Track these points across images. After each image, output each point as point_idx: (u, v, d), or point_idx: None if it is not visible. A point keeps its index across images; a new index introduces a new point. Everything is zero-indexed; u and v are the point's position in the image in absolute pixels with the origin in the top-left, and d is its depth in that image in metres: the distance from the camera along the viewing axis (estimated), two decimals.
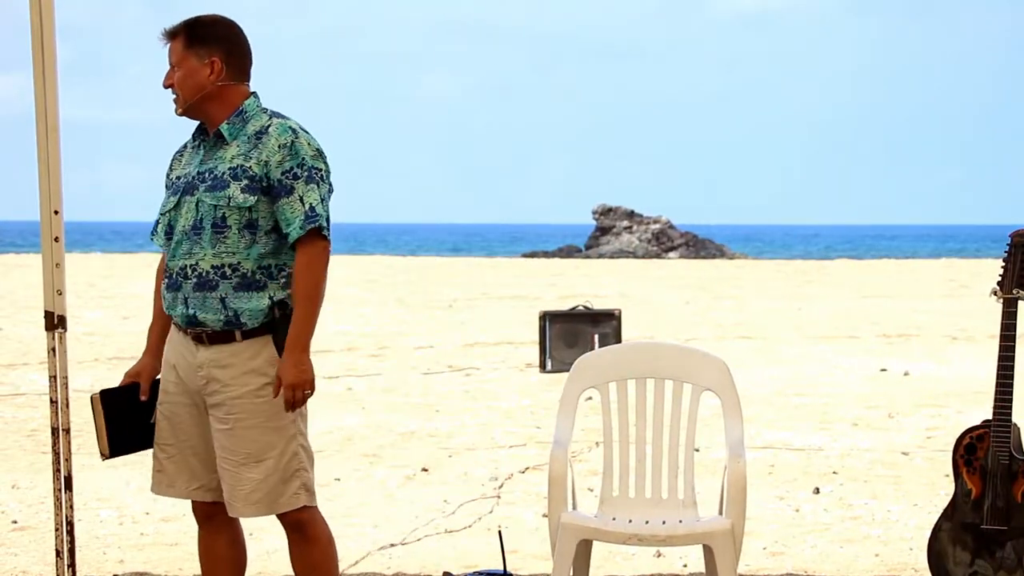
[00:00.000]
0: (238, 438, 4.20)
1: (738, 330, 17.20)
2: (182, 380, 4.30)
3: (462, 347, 15.23)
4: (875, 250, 74.21)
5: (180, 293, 4.24)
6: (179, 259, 4.25)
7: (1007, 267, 5.00)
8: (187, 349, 4.27)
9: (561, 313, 13.13)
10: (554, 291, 24.45)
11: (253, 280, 4.18)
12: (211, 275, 4.18)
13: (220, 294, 4.18)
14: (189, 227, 4.22)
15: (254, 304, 4.18)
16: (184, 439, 4.33)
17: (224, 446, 4.23)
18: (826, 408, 10.59)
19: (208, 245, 4.19)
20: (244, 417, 4.19)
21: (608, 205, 50.04)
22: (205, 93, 4.24)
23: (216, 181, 4.19)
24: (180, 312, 4.25)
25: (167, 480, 4.38)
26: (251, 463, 4.20)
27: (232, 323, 4.18)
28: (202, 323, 4.21)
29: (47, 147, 4.85)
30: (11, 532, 6.71)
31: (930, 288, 25.69)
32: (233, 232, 4.17)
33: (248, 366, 4.20)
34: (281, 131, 4.20)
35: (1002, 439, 4.90)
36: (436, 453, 8.79)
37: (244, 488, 4.22)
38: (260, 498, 4.23)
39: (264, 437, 4.21)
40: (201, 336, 4.23)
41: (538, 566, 5.93)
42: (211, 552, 4.44)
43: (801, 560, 6.17)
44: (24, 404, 10.74)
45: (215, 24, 4.30)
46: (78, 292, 22.09)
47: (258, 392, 4.20)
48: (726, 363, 4.96)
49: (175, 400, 4.34)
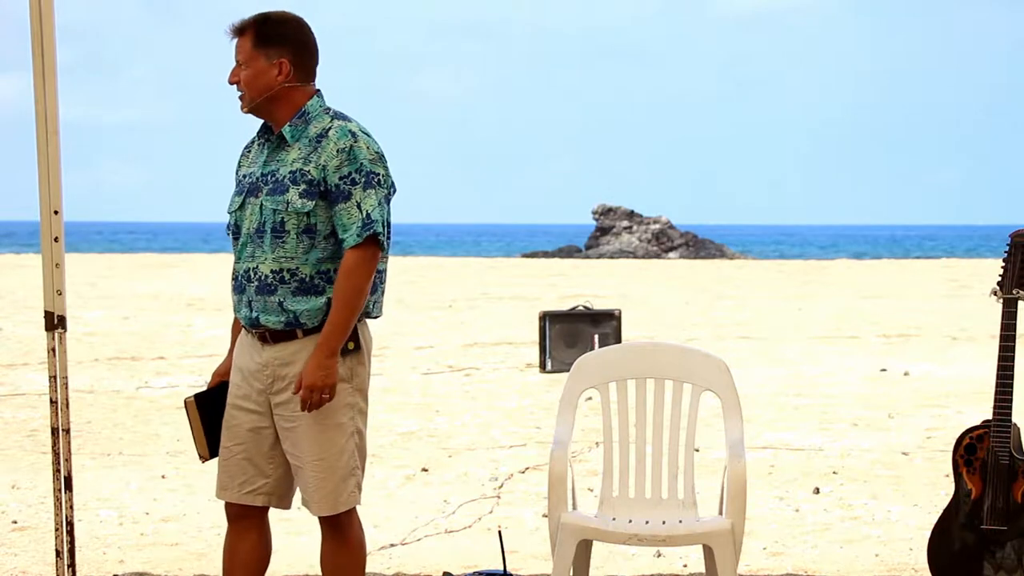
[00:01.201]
0: (301, 436, 4.21)
1: (738, 330, 17.20)
2: (246, 382, 4.29)
3: (462, 347, 15.23)
4: (875, 250, 74.19)
5: (244, 295, 4.24)
6: (243, 261, 4.25)
7: (1007, 267, 5.00)
8: (253, 349, 4.27)
9: (561, 313, 13.12)
10: (554, 291, 24.45)
11: (311, 284, 4.17)
12: (270, 279, 4.18)
13: (279, 298, 4.18)
14: (253, 230, 4.21)
15: (312, 305, 4.18)
16: (239, 442, 4.32)
17: (292, 444, 4.24)
18: (826, 408, 10.59)
19: (268, 249, 4.18)
20: (306, 415, 4.19)
21: (608, 205, 50.04)
22: (272, 94, 4.21)
23: (277, 185, 4.18)
24: (244, 314, 4.25)
25: (220, 483, 4.38)
26: (314, 460, 4.22)
27: (292, 323, 4.18)
28: (264, 324, 4.21)
29: (47, 147, 4.85)
30: (11, 532, 6.71)
31: (930, 288, 25.68)
32: (292, 237, 4.15)
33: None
34: (340, 135, 4.16)
35: (1002, 439, 4.90)
36: (436, 453, 8.79)
37: (311, 486, 4.24)
38: (324, 496, 4.25)
39: (324, 434, 4.21)
40: (265, 335, 4.23)
41: (538, 566, 5.93)
42: (235, 551, 4.43)
43: (801, 560, 6.17)
44: (24, 404, 10.74)
45: (285, 23, 4.25)
46: (78, 292, 22.08)
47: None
48: (726, 363, 4.96)
49: (234, 403, 4.33)
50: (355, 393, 4.25)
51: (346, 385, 4.23)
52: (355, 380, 4.25)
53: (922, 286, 26.41)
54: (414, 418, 10.20)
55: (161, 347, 14.71)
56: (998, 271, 5.02)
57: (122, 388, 11.75)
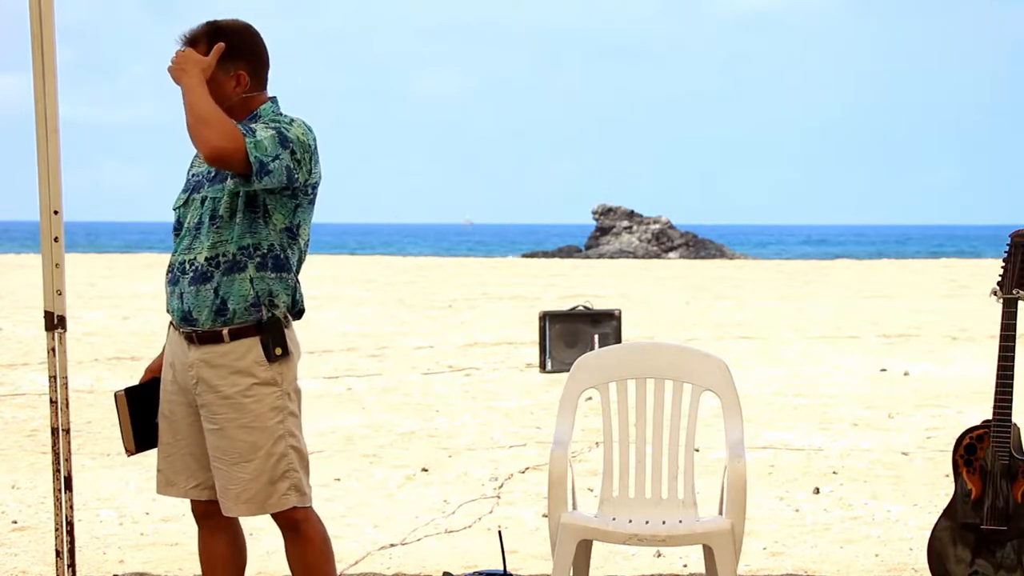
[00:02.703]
0: (224, 438, 4.21)
1: (738, 330, 17.20)
2: (179, 377, 4.31)
3: (462, 347, 15.23)
4: (875, 250, 74.19)
5: (177, 288, 4.26)
6: (179, 254, 4.27)
7: (1007, 267, 5.00)
8: (180, 347, 4.30)
9: (561, 313, 13.12)
10: (554, 291, 24.45)
11: (235, 262, 4.16)
12: (205, 267, 4.19)
13: (213, 284, 4.18)
14: (193, 224, 4.23)
15: (238, 287, 4.17)
16: (180, 437, 4.34)
17: (215, 445, 4.25)
18: (826, 408, 10.59)
19: (205, 238, 4.19)
20: (234, 417, 4.20)
21: (608, 205, 50.06)
22: (229, 104, 4.20)
23: (218, 175, 4.20)
24: (175, 306, 4.26)
25: (166, 479, 4.39)
26: (241, 463, 4.21)
27: (221, 313, 4.17)
28: (195, 318, 4.21)
29: (47, 147, 4.85)
30: (11, 532, 6.71)
31: (930, 288, 25.69)
32: (226, 220, 4.17)
33: (236, 367, 4.20)
34: (275, 115, 4.20)
35: (1002, 439, 4.90)
36: (436, 453, 8.79)
37: (234, 488, 4.23)
38: (249, 498, 4.23)
39: (250, 437, 4.20)
40: (192, 336, 4.24)
41: (538, 566, 5.93)
42: (210, 551, 4.45)
43: (801, 560, 6.17)
44: (24, 404, 10.74)
45: (241, 34, 4.22)
46: (78, 292, 22.09)
47: (245, 393, 4.20)
48: (726, 363, 4.96)
49: (170, 398, 4.35)
50: (284, 396, 4.25)
51: (274, 389, 4.22)
52: (284, 383, 4.24)
53: (922, 286, 26.42)
54: (414, 418, 10.19)
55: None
56: (998, 271, 5.02)
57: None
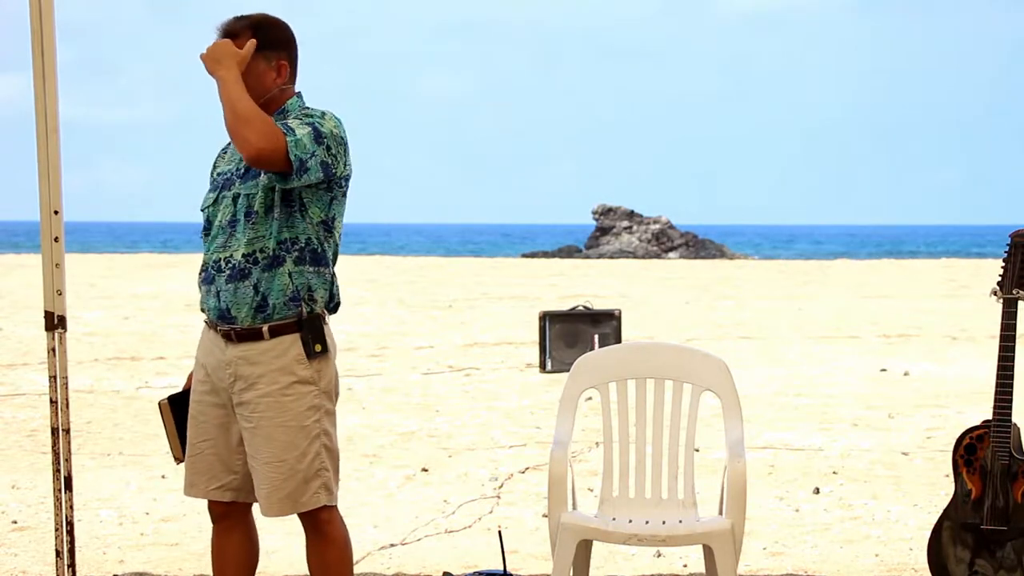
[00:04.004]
0: (261, 437, 4.22)
1: (738, 330, 17.20)
2: (212, 377, 4.30)
3: (462, 347, 15.23)
4: (875, 250, 74.20)
5: (213, 286, 4.25)
6: (214, 252, 4.25)
7: (1007, 267, 5.00)
8: (216, 345, 4.28)
9: (561, 313, 13.12)
10: (554, 291, 24.45)
11: (275, 257, 4.18)
12: (243, 263, 4.19)
13: (252, 280, 4.19)
14: (225, 222, 4.22)
15: (278, 282, 4.18)
16: (206, 438, 4.33)
17: (251, 444, 4.25)
18: (826, 408, 10.59)
19: (241, 235, 4.19)
20: (272, 415, 4.20)
21: (608, 205, 50.05)
22: (268, 97, 4.23)
23: (249, 172, 4.21)
24: (212, 305, 4.26)
25: (188, 480, 4.39)
26: (275, 462, 4.22)
27: (261, 310, 4.19)
28: (234, 316, 4.21)
29: (47, 147, 4.85)
30: (11, 532, 6.71)
31: (930, 288, 25.68)
32: (261, 216, 4.18)
33: (276, 364, 4.21)
34: (307, 110, 4.24)
35: (1002, 439, 4.90)
36: (436, 453, 8.79)
37: (267, 487, 4.24)
38: (284, 496, 4.24)
39: (286, 436, 4.21)
40: (230, 334, 4.24)
41: (538, 566, 5.93)
42: (224, 551, 4.44)
43: (801, 560, 6.17)
44: (24, 404, 10.74)
45: (281, 27, 4.29)
46: (78, 292, 22.08)
47: (284, 391, 4.20)
48: (726, 363, 4.96)
49: (200, 399, 4.34)
50: (321, 395, 4.26)
51: (312, 387, 4.23)
52: (322, 382, 4.25)
53: (922, 286, 26.41)
54: (414, 418, 10.20)
55: (161, 347, 14.70)
56: (998, 271, 5.02)
57: (122, 388, 11.76)
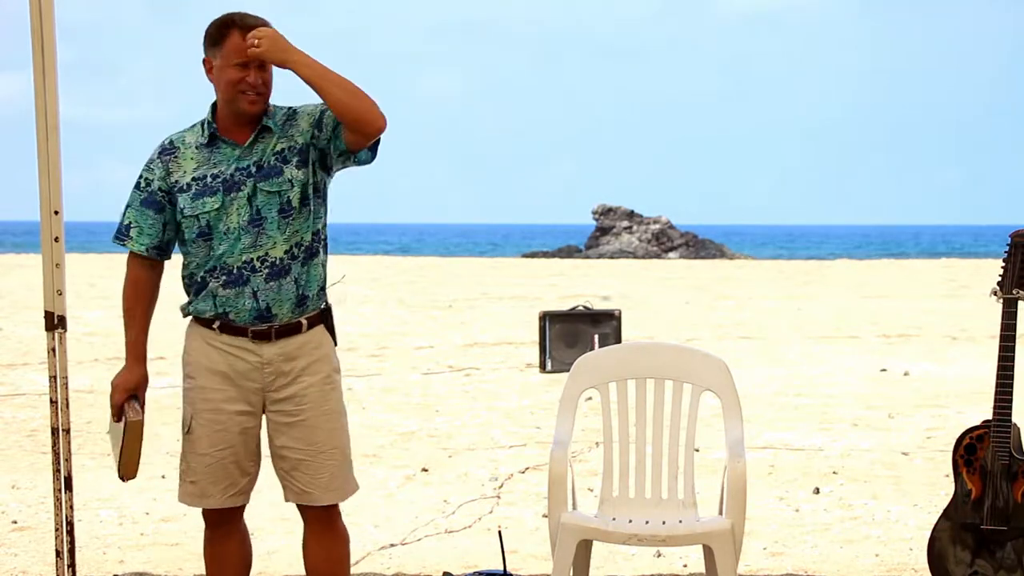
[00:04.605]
0: (311, 427, 4.26)
1: (738, 330, 17.20)
2: (235, 384, 4.27)
3: (462, 347, 15.23)
4: (875, 250, 74.19)
5: (247, 287, 4.22)
6: (241, 254, 4.21)
7: (1007, 267, 5.00)
8: (242, 350, 4.25)
9: (561, 313, 13.12)
10: (554, 291, 24.45)
11: (311, 248, 4.25)
12: (284, 260, 4.20)
13: (293, 276, 4.21)
14: (244, 222, 4.20)
15: (314, 272, 4.25)
16: (226, 446, 4.29)
17: (295, 437, 4.26)
18: (826, 408, 10.59)
19: (277, 232, 4.20)
20: (316, 406, 4.26)
21: (608, 205, 50.04)
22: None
23: (269, 170, 4.21)
24: (248, 307, 4.23)
25: (200, 491, 4.32)
26: (330, 450, 4.28)
27: (302, 303, 4.23)
28: (275, 314, 4.22)
29: (47, 147, 4.85)
30: (11, 532, 6.71)
31: (930, 288, 25.68)
32: (298, 211, 4.21)
33: (315, 355, 4.27)
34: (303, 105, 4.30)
35: (1002, 439, 4.90)
36: (436, 453, 8.79)
37: (324, 476, 4.28)
38: (338, 485, 4.32)
39: (336, 422, 4.31)
40: (269, 332, 4.23)
41: (538, 566, 5.93)
42: (221, 553, 4.43)
43: (801, 560, 6.17)
44: (24, 404, 10.74)
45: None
46: (78, 292, 22.07)
47: (326, 381, 4.28)
48: (726, 363, 4.96)
49: (219, 408, 4.28)
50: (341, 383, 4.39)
51: (339, 376, 4.34)
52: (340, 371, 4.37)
53: (922, 286, 26.41)
54: (414, 418, 10.20)
55: (161, 347, 14.62)
56: (998, 271, 5.02)
57: None
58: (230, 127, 4.27)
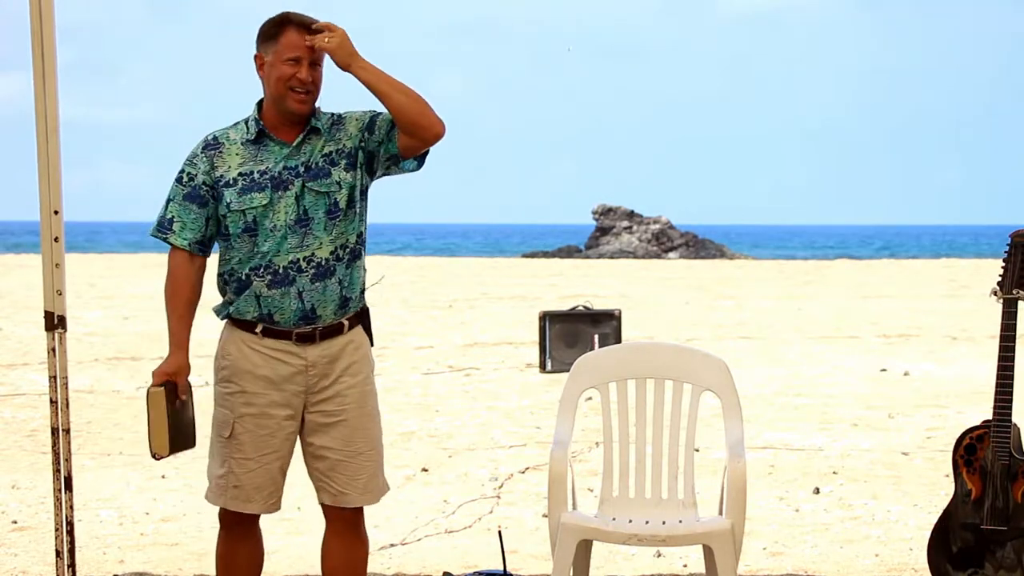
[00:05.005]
0: (350, 427, 4.28)
1: (738, 330, 17.20)
2: (278, 388, 4.25)
3: (462, 347, 15.23)
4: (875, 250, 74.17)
5: (293, 287, 4.20)
6: (287, 254, 4.20)
7: (1007, 267, 5.00)
8: (284, 354, 4.23)
9: (561, 313, 13.12)
10: (554, 291, 24.44)
11: (355, 250, 4.27)
12: (329, 260, 4.21)
13: (337, 276, 4.23)
14: (291, 221, 4.18)
15: (356, 274, 4.27)
16: (272, 451, 4.27)
17: (334, 437, 4.27)
18: (826, 408, 10.59)
19: (324, 232, 4.20)
20: (357, 406, 4.28)
21: (608, 205, 50.03)
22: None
23: (317, 171, 4.21)
24: (293, 307, 4.21)
25: (244, 495, 4.29)
26: (368, 451, 4.30)
27: (344, 304, 4.25)
28: (319, 315, 4.22)
29: (47, 147, 4.84)
30: (11, 532, 6.71)
31: (930, 288, 25.67)
32: (344, 212, 4.23)
33: (356, 356, 4.29)
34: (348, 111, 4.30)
35: (1002, 439, 4.90)
36: (436, 453, 8.79)
37: (362, 478, 4.30)
38: (373, 487, 4.33)
39: (374, 422, 4.34)
40: (313, 334, 4.23)
41: (538, 566, 5.93)
42: (235, 555, 4.40)
43: (801, 560, 6.17)
44: (24, 404, 10.74)
45: None
46: (78, 292, 22.08)
47: (366, 381, 4.31)
48: (726, 363, 4.96)
49: (264, 412, 4.26)
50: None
51: (373, 377, 4.37)
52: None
53: (922, 286, 26.40)
54: (414, 418, 10.20)
55: (161, 347, 14.60)
56: (998, 271, 5.02)
57: (122, 388, 11.76)
58: (277, 126, 4.24)
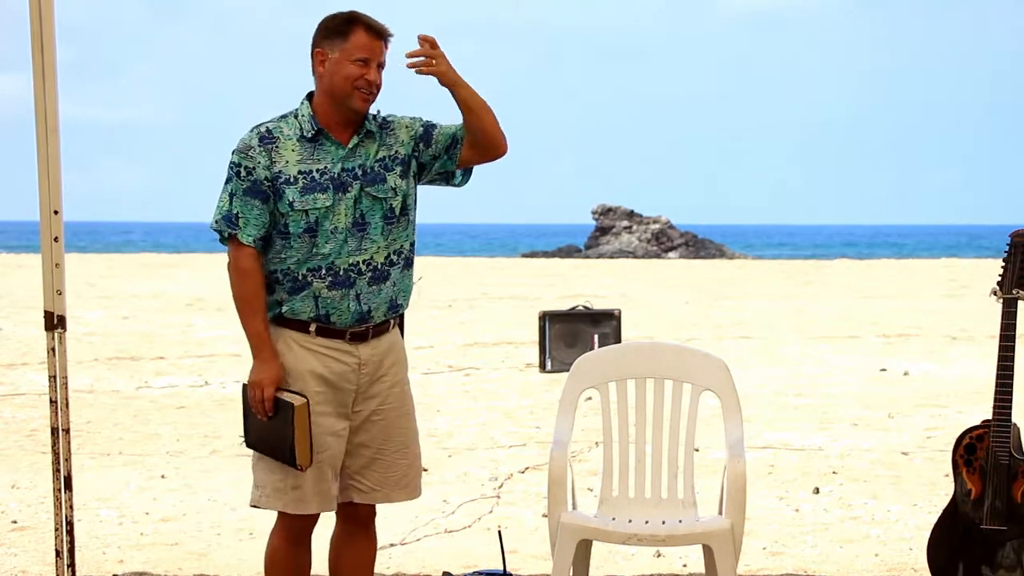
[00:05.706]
0: (392, 424, 4.33)
1: (738, 330, 17.19)
2: (332, 388, 4.24)
3: (462, 347, 15.23)
4: (875, 250, 74.19)
5: (352, 290, 4.21)
6: (347, 256, 4.20)
7: (1007, 267, 5.00)
8: (338, 352, 4.23)
9: (561, 313, 13.12)
10: (554, 291, 24.44)
11: (408, 258, 4.35)
12: (384, 265, 4.25)
13: (392, 280, 4.28)
14: (350, 223, 4.18)
15: (407, 281, 4.35)
16: (325, 449, 4.25)
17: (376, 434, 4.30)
18: (826, 408, 10.59)
19: (380, 237, 4.23)
20: (398, 405, 4.34)
21: (608, 205, 50.04)
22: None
23: (373, 176, 4.22)
24: (352, 309, 4.22)
25: (303, 497, 4.23)
26: (403, 449, 4.35)
27: (394, 307, 4.32)
28: (372, 317, 4.26)
29: (47, 147, 4.85)
30: (11, 532, 6.71)
31: (930, 288, 25.67)
32: (400, 219, 4.27)
33: (398, 355, 4.37)
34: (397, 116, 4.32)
35: (1002, 439, 4.90)
36: (436, 453, 8.79)
37: (395, 474, 4.34)
38: (409, 483, 4.38)
39: (413, 420, 4.41)
40: (367, 333, 4.27)
41: (538, 566, 5.93)
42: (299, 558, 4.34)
43: (801, 560, 6.17)
44: (24, 404, 10.74)
45: None
46: (78, 292, 22.07)
47: (405, 380, 4.40)
48: (726, 363, 4.96)
49: (321, 409, 4.23)
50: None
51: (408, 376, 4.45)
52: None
53: (922, 286, 26.40)
54: None
55: (161, 347, 14.69)
56: (998, 271, 5.02)
57: (122, 388, 11.75)
58: (331, 125, 4.20)
